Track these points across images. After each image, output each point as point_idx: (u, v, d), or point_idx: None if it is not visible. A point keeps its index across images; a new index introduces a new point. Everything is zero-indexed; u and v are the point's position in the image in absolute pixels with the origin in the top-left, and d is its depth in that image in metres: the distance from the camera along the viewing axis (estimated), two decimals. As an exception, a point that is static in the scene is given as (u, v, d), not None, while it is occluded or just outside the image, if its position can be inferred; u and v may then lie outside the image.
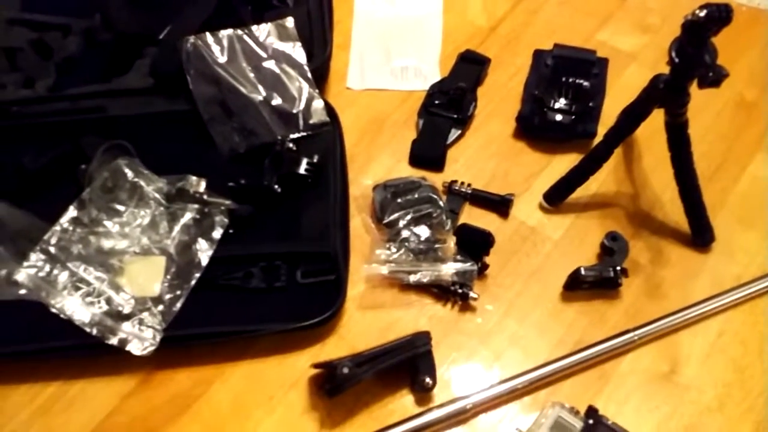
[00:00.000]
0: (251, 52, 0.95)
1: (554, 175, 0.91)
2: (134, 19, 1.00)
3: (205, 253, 0.83)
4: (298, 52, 0.96)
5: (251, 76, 0.94)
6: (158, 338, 0.77)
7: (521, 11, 1.11)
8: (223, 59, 0.93)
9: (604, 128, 0.87)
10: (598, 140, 0.87)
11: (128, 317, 0.78)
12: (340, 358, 0.75)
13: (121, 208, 0.85)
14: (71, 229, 0.82)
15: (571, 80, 0.95)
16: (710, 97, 0.80)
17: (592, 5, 1.12)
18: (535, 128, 0.96)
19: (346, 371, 0.73)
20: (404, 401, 0.78)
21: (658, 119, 0.80)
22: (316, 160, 0.89)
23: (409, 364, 0.77)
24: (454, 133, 0.97)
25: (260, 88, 0.93)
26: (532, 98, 0.97)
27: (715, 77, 0.68)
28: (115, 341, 0.76)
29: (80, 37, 1.00)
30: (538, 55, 1.03)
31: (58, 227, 0.82)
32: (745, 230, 0.89)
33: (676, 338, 0.82)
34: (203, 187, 0.87)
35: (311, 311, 0.79)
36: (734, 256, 0.87)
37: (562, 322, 0.83)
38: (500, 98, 1.02)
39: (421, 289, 0.85)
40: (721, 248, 0.88)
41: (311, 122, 0.94)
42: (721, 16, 0.64)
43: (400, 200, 0.87)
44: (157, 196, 0.86)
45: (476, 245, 0.84)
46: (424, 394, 0.78)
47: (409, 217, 0.86)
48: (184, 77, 0.92)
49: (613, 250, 0.85)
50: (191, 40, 0.92)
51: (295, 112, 0.93)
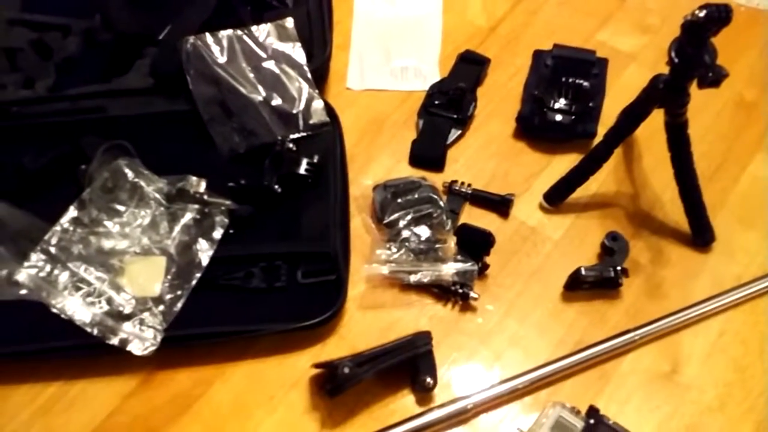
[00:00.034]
0: (251, 52, 0.95)
1: (554, 175, 0.91)
2: (134, 19, 1.00)
3: (205, 253, 0.83)
4: (297, 52, 0.96)
5: (251, 76, 0.94)
6: (159, 338, 0.77)
7: (521, 11, 1.11)
8: (222, 59, 0.93)
9: (603, 128, 0.87)
10: (598, 140, 0.88)
11: (129, 317, 0.78)
12: (340, 358, 0.75)
13: (121, 208, 0.85)
14: (72, 229, 0.82)
15: (570, 80, 0.95)
16: (710, 97, 0.80)
17: (591, 5, 1.12)
18: (535, 128, 0.97)
19: (346, 371, 0.73)
20: (405, 401, 0.78)
21: (657, 119, 0.80)
22: (316, 160, 0.89)
23: (409, 364, 0.77)
24: (454, 133, 0.97)
25: (260, 88, 0.93)
26: (531, 98, 0.97)
27: (714, 77, 0.68)
28: (115, 341, 0.76)
29: (80, 37, 1.00)
30: (537, 55, 1.03)
31: (58, 227, 0.82)
32: (745, 230, 0.89)
33: (676, 338, 0.82)
34: (203, 187, 0.87)
35: (312, 311, 0.79)
36: (734, 255, 0.87)
37: (562, 322, 0.83)
38: (500, 98, 1.02)
39: (421, 289, 0.85)
40: (721, 248, 0.88)
41: (311, 122, 0.94)
42: (720, 16, 0.64)
43: (400, 200, 0.87)
44: (157, 196, 0.86)
45: (477, 245, 0.84)
46: (424, 394, 0.78)
47: (409, 217, 0.86)
48: (183, 77, 0.92)
49: (613, 250, 0.85)
50: (191, 40, 0.92)
51: (295, 112, 0.93)
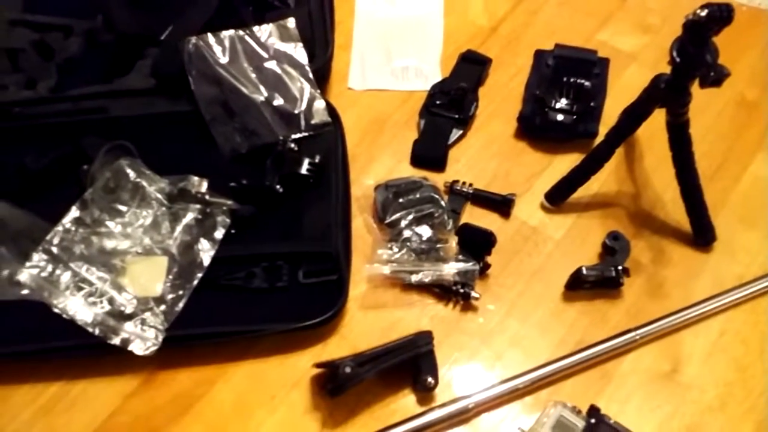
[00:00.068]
0: (253, 52, 0.95)
1: (555, 174, 0.92)
2: (135, 19, 1.00)
3: (207, 253, 0.83)
4: (299, 52, 0.96)
5: (253, 76, 0.94)
6: (160, 338, 0.77)
7: (522, 11, 1.11)
8: (224, 60, 0.93)
9: (605, 128, 0.87)
10: (599, 140, 0.88)
11: (130, 317, 0.78)
12: (342, 357, 0.75)
13: (123, 208, 0.85)
14: (73, 229, 0.82)
15: (572, 80, 0.95)
16: (711, 97, 0.80)
17: (592, 5, 1.12)
18: (536, 128, 0.97)
19: (348, 371, 0.73)
20: (406, 401, 0.78)
21: (659, 119, 0.80)
22: (317, 160, 0.89)
23: (411, 363, 0.77)
24: (455, 133, 0.97)
25: (262, 88, 0.93)
26: (533, 98, 0.97)
27: (716, 77, 0.68)
28: (117, 341, 0.77)
29: (82, 38, 1.00)
30: (539, 55, 1.03)
31: (60, 227, 0.82)
32: (746, 230, 0.89)
33: (677, 338, 0.82)
34: (205, 187, 0.87)
35: (313, 311, 0.79)
36: (736, 255, 0.87)
37: (563, 321, 0.83)
38: (501, 98, 1.02)
39: (422, 288, 0.85)
40: (722, 248, 0.88)
41: (313, 122, 0.94)
42: (722, 15, 0.64)
43: (401, 200, 0.87)
44: (159, 196, 0.86)
45: (478, 245, 0.84)
46: (426, 393, 0.78)
47: (410, 217, 0.86)
48: (185, 78, 0.92)
49: (614, 249, 0.85)
50: (193, 40, 0.92)
51: (296, 112, 0.93)
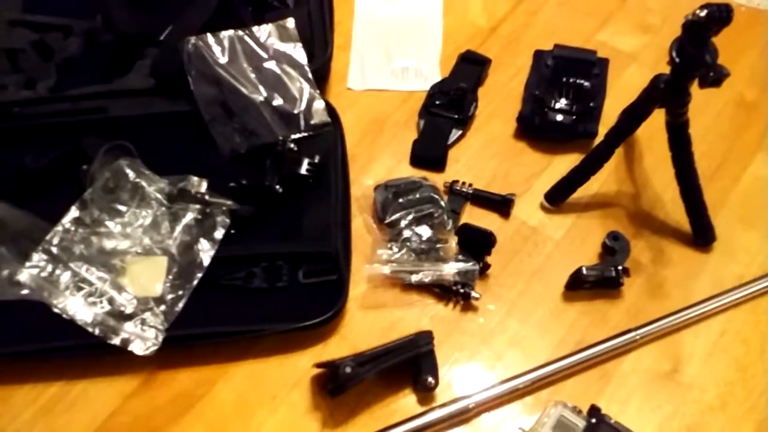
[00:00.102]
0: (252, 52, 0.95)
1: (555, 175, 0.92)
2: (135, 20, 1.00)
3: (206, 253, 0.83)
4: (298, 52, 0.96)
5: (252, 76, 0.94)
6: (160, 338, 0.77)
7: (521, 12, 1.12)
8: (224, 60, 0.93)
9: (604, 128, 0.87)
10: (599, 140, 0.88)
11: (130, 317, 0.78)
12: (342, 357, 0.75)
13: (122, 208, 0.85)
14: (73, 229, 0.82)
15: (571, 80, 0.95)
16: (710, 97, 0.80)
17: (592, 6, 1.12)
18: (535, 128, 0.97)
19: (348, 371, 0.73)
20: (406, 401, 0.78)
21: (658, 119, 0.80)
22: (317, 160, 0.89)
23: (411, 363, 0.77)
24: (455, 133, 0.97)
25: (261, 88, 0.93)
26: (532, 98, 0.97)
27: (716, 77, 0.69)
28: (117, 341, 0.76)
29: (81, 38, 1.00)
30: (538, 55, 1.03)
31: (60, 227, 0.82)
32: (746, 230, 0.89)
33: (678, 337, 0.82)
34: (205, 187, 0.87)
35: (313, 311, 0.79)
36: (735, 255, 0.88)
37: (563, 321, 0.83)
38: (501, 98, 1.02)
39: (422, 288, 0.85)
40: (722, 248, 0.88)
41: (312, 123, 0.94)
42: (721, 16, 0.65)
43: (401, 200, 0.87)
44: (158, 196, 0.86)
45: (478, 245, 0.84)
46: (426, 393, 0.78)
47: (410, 217, 0.86)
48: (185, 78, 0.92)
49: (614, 249, 0.85)
50: (192, 40, 0.92)
51: (296, 112, 0.93)
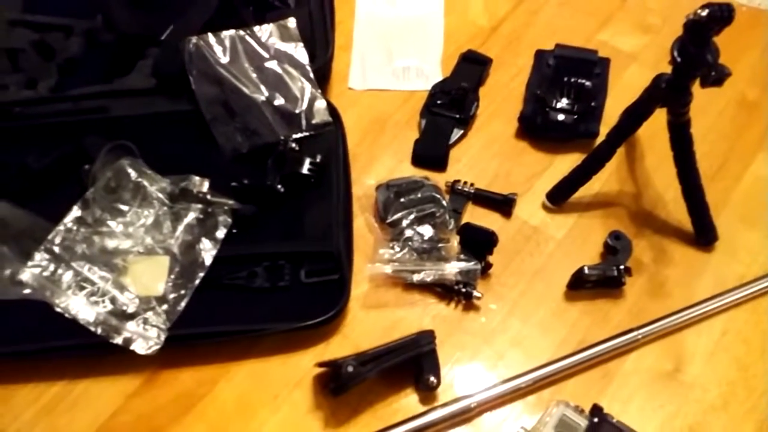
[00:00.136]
0: (253, 52, 0.95)
1: (557, 174, 0.92)
2: (136, 19, 1.00)
3: (208, 252, 0.83)
4: (300, 52, 0.96)
5: (254, 76, 0.94)
6: (163, 337, 0.77)
7: (522, 11, 1.12)
8: (225, 60, 0.93)
9: (606, 128, 0.87)
10: (600, 140, 0.88)
11: (133, 316, 0.78)
12: (344, 357, 0.75)
13: (124, 208, 0.85)
14: (75, 228, 0.82)
15: (572, 80, 0.95)
16: (712, 97, 0.80)
17: (592, 6, 1.12)
18: (537, 128, 0.97)
19: (350, 370, 0.73)
20: (408, 400, 0.78)
21: (660, 119, 0.80)
22: (318, 160, 0.89)
23: (413, 363, 0.77)
24: (456, 133, 0.97)
25: (263, 88, 0.93)
26: (534, 98, 0.97)
27: (717, 76, 0.69)
28: (119, 340, 0.76)
29: (82, 38, 1.00)
30: (539, 55, 1.03)
31: (62, 227, 0.82)
32: (747, 229, 0.89)
33: (679, 337, 0.82)
34: (206, 187, 0.87)
35: (315, 310, 0.79)
36: (737, 255, 0.88)
37: (565, 321, 0.83)
38: (502, 98, 1.02)
39: (424, 288, 0.85)
40: (724, 247, 0.88)
41: (314, 122, 0.94)
42: (723, 15, 0.65)
43: (403, 200, 0.87)
44: (160, 196, 0.86)
45: (480, 244, 0.84)
46: (428, 393, 0.78)
47: (412, 216, 0.86)
48: (186, 78, 0.92)
49: (616, 249, 0.85)
50: (193, 40, 0.92)
51: (297, 112, 0.93)
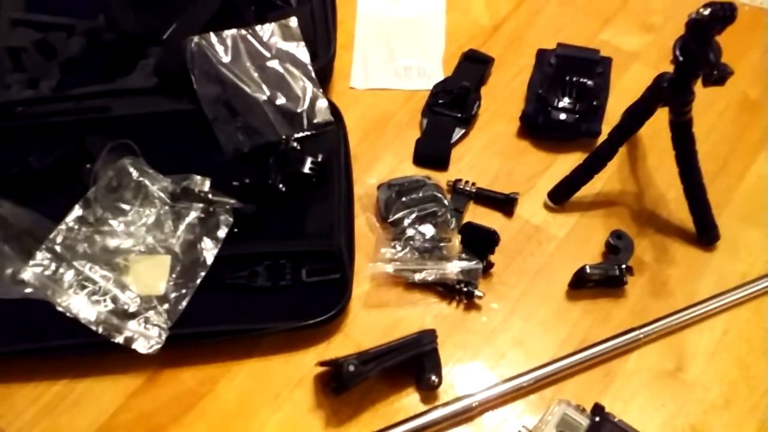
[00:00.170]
0: (255, 51, 0.95)
1: (558, 173, 0.92)
2: (138, 19, 1.00)
3: (210, 252, 0.83)
4: (301, 51, 0.96)
5: (255, 75, 0.94)
6: (164, 336, 0.77)
7: (524, 11, 1.11)
8: (227, 59, 0.93)
9: (608, 127, 0.87)
10: (602, 139, 0.88)
11: (134, 316, 0.78)
12: (345, 356, 0.75)
13: (126, 207, 0.85)
14: (77, 228, 0.82)
15: (574, 79, 0.95)
16: (713, 96, 0.80)
17: (594, 5, 1.12)
18: (539, 127, 0.97)
19: (351, 369, 0.73)
20: (410, 399, 0.78)
21: (662, 118, 0.80)
22: (320, 159, 0.89)
23: (414, 362, 0.77)
24: (458, 132, 0.97)
25: (264, 87, 0.93)
26: (536, 97, 0.97)
27: (719, 75, 0.68)
28: (121, 339, 0.76)
29: (84, 37, 1.01)
30: (541, 54, 1.03)
31: (63, 226, 0.82)
32: (749, 228, 0.89)
33: (681, 336, 0.82)
34: (208, 186, 0.87)
35: (316, 310, 0.79)
36: (739, 254, 0.87)
37: (567, 320, 0.83)
38: (504, 97, 1.02)
39: (426, 287, 0.85)
40: (725, 246, 0.88)
41: (315, 121, 0.94)
42: (725, 14, 0.65)
43: (404, 199, 0.87)
44: (162, 195, 0.86)
45: (481, 244, 0.84)
46: (429, 392, 0.78)
47: (413, 215, 0.86)
48: (188, 77, 0.92)
49: (618, 248, 0.85)
50: (195, 40, 0.92)
51: (299, 111, 0.93)
